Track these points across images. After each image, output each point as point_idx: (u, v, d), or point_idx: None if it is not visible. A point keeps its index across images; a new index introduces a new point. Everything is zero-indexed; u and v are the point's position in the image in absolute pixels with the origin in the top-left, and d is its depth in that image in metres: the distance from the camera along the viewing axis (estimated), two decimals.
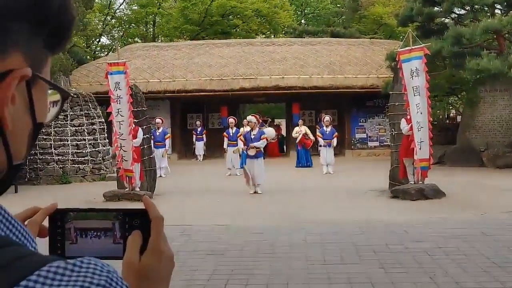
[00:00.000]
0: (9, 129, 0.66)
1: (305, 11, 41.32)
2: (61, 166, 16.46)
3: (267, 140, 14.06)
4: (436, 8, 19.12)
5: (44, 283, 0.60)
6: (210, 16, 33.26)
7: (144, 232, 0.86)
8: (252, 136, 13.09)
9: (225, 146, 17.88)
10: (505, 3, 17.99)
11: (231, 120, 17.99)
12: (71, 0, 0.74)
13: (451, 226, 8.37)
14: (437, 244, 7.12)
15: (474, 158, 18.36)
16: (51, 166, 16.39)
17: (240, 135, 15.10)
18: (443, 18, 20.31)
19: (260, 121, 16.20)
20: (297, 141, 19.72)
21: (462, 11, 19.64)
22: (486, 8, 18.53)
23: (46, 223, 0.89)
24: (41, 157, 16.38)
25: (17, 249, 0.64)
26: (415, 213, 9.92)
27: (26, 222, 0.88)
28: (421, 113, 11.28)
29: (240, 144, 13.23)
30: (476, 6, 18.40)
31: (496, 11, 18.90)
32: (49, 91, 0.75)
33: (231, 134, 17.62)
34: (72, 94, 16.18)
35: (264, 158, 13.75)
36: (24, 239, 0.71)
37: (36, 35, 0.70)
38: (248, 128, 14.26)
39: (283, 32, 37.04)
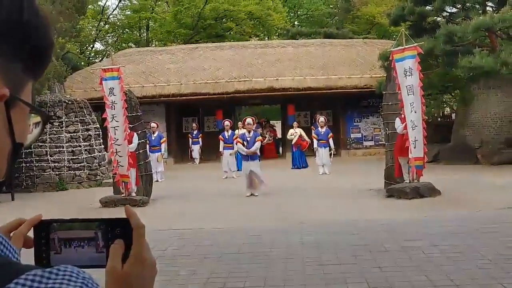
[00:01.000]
0: None
1: (298, 12, 41.41)
2: (57, 173, 16.46)
3: (261, 142, 14.10)
4: (427, 7, 19.20)
5: None
6: (203, 20, 33.30)
7: (126, 241, 0.88)
8: (248, 138, 13.12)
9: (221, 149, 17.90)
10: (496, 0, 18.09)
11: (227, 123, 18.03)
12: (49, 25, 0.76)
13: (446, 224, 8.41)
14: (433, 243, 7.16)
15: (468, 155, 18.42)
16: (47, 173, 16.38)
17: (236, 137, 15.11)
18: (435, 17, 20.39)
19: (256, 123, 16.26)
20: (293, 142, 19.77)
21: (454, 10, 19.72)
22: (477, 6, 18.62)
23: (31, 234, 0.92)
24: (37, 164, 16.37)
25: None
26: (411, 211, 9.96)
27: (11, 234, 0.90)
28: (415, 112, 11.34)
29: (239, 146, 13.21)
30: (468, 4, 18.50)
31: (488, 8, 19.00)
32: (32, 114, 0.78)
33: (226, 137, 17.65)
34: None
35: (260, 160, 13.78)
36: (5, 250, 0.74)
37: (14, 58, 0.72)
38: (243, 130, 14.29)
39: (277, 34, 37.12)
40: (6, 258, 0.71)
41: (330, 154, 18.07)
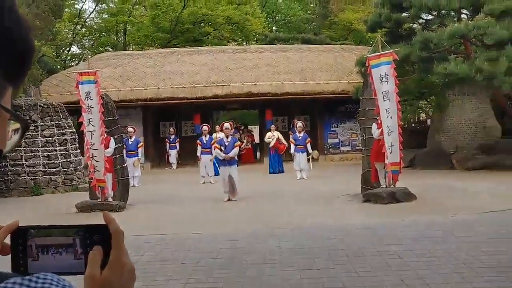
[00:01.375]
0: None
1: (276, 18, 41.54)
2: (32, 177, 16.24)
3: (240, 147, 14.10)
4: (404, 14, 19.40)
5: None
6: (181, 24, 33.22)
7: (105, 247, 0.88)
8: (226, 143, 13.10)
9: (198, 154, 17.83)
10: (471, 8, 18.36)
11: (205, 128, 17.97)
12: (30, 30, 0.75)
13: (422, 229, 8.50)
14: (408, 247, 7.23)
15: (444, 161, 18.65)
16: (22, 178, 16.15)
17: (214, 142, 15.08)
18: (411, 24, 20.63)
19: (234, 128, 16.26)
20: (271, 145, 19.80)
21: (430, 17, 19.96)
22: (452, 13, 18.87)
23: (8, 240, 0.90)
24: (11, 169, 16.14)
25: None
26: (387, 216, 10.04)
27: None
28: (391, 118, 11.44)
29: (217, 151, 13.19)
30: (443, 12, 18.72)
31: (463, 16, 19.26)
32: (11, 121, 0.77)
33: (204, 142, 17.59)
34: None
35: (238, 165, 13.77)
36: None
37: None
38: (221, 134, 14.27)
39: (255, 39, 37.16)
40: None
41: (309, 159, 18.15)
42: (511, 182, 14.16)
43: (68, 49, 37.24)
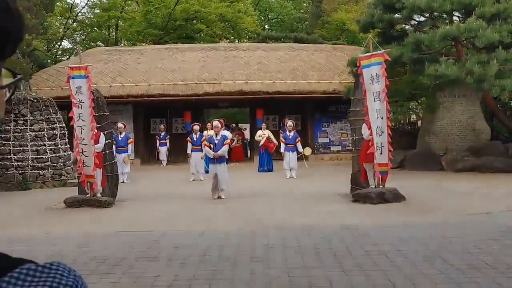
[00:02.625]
0: None
1: (269, 16, 41.57)
2: (20, 172, 16.13)
3: (229, 145, 14.08)
4: (396, 15, 19.47)
5: (16, 284, 0.64)
6: (173, 21, 33.14)
7: None
8: (216, 141, 13.08)
9: (188, 151, 17.80)
10: (463, 11, 18.45)
11: (196, 127, 17.91)
12: (17, 2, 0.74)
13: (410, 229, 8.53)
14: (397, 247, 7.25)
15: (433, 162, 18.73)
16: (10, 172, 16.05)
17: (204, 140, 15.05)
18: (403, 25, 20.71)
19: (224, 125, 16.22)
20: (261, 144, 19.82)
21: (422, 18, 20.05)
22: (444, 16, 18.98)
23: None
24: (0, 163, 16.03)
25: None
26: (376, 216, 10.06)
27: None
28: (381, 118, 11.47)
29: (206, 149, 13.17)
30: (435, 14, 18.82)
31: (454, 18, 19.37)
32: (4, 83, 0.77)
33: (194, 139, 17.56)
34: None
35: (227, 163, 13.75)
36: None
37: None
38: (211, 132, 14.25)
39: (247, 37, 37.17)
40: None
41: (299, 158, 18.17)
42: (500, 184, 14.27)
43: (59, 43, 37.10)
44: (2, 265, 0.66)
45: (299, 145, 17.92)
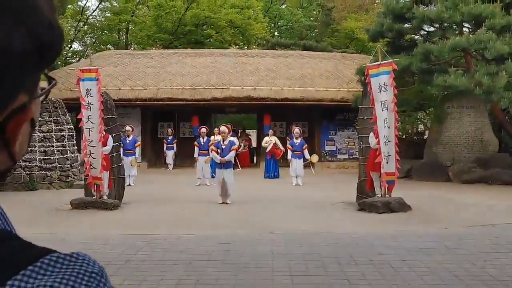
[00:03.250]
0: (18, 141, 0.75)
1: (279, 23, 41.62)
2: (28, 172, 16.20)
3: (237, 150, 14.12)
4: (406, 25, 19.46)
5: (46, 270, 0.68)
6: (183, 26, 33.25)
7: None
8: (223, 146, 13.11)
9: (195, 155, 17.85)
10: (473, 22, 18.42)
11: (203, 130, 17.97)
12: (55, 15, 0.78)
13: (415, 239, 8.52)
14: (401, 257, 7.24)
15: (440, 172, 18.67)
16: (18, 172, 16.12)
17: (212, 144, 15.08)
18: (413, 35, 20.68)
19: (231, 131, 16.26)
20: (267, 150, 19.83)
21: (431, 29, 20.01)
22: (454, 27, 18.93)
23: None
24: None
25: (19, 242, 0.73)
26: (381, 226, 10.05)
27: None
28: (389, 127, 11.45)
29: (214, 154, 13.22)
30: (445, 24, 18.78)
31: (464, 29, 19.33)
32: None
33: (202, 144, 17.60)
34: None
35: (234, 169, 13.78)
36: (5, 224, 0.78)
37: (37, 69, 0.76)
38: (219, 137, 14.29)
39: (256, 44, 37.21)
40: (15, 235, 0.76)
41: (306, 165, 18.17)
42: (506, 196, 14.21)
43: (69, 45, 37.24)
44: (30, 254, 0.70)
45: (306, 152, 17.92)
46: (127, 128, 17.68)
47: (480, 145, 19.52)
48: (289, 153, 17.96)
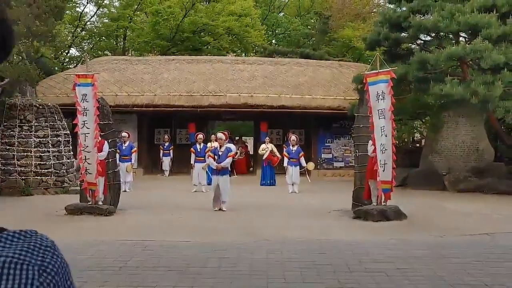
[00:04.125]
0: None
1: (276, 31, 41.69)
2: (23, 177, 16.16)
3: (233, 157, 14.11)
4: (402, 34, 19.52)
5: (5, 243, 0.73)
6: (181, 32, 33.29)
7: None
8: (220, 153, 13.09)
9: (192, 162, 17.83)
10: (469, 32, 18.49)
11: (200, 136, 17.97)
12: (6, 14, 0.78)
13: (410, 248, 8.51)
14: (396, 265, 7.23)
15: (436, 181, 18.69)
16: (13, 177, 16.08)
17: (208, 151, 15.07)
18: (409, 44, 20.75)
19: (228, 138, 16.26)
20: (264, 157, 19.83)
21: (428, 38, 20.09)
22: (450, 36, 19.01)
23: None
24: (3, 168, 16.07)
25: None
26: (376, 234, 10.05)
27: None
28: (386, 136, 11.47)
29: (210, 160, 13.20)
30: (441, 34, 18.85)
31: (461, 39, 19.40)
32: None
33: (198, 150, 17.60)
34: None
35: (230, 176, 13.77)
36: None
37: None
38: (215, 144, 14.29)
39: (254, 51, 37.29)
40: None
41: (302, 173, 18.17)
42: (502, 205, 14.24)
43: (67, 51, 37.22)
44: None
45: (302, 160, 17.93)
46: (124, 134, 17.66)
47: (476, 154, 19.56)
48: (285, 160, 17.97)
